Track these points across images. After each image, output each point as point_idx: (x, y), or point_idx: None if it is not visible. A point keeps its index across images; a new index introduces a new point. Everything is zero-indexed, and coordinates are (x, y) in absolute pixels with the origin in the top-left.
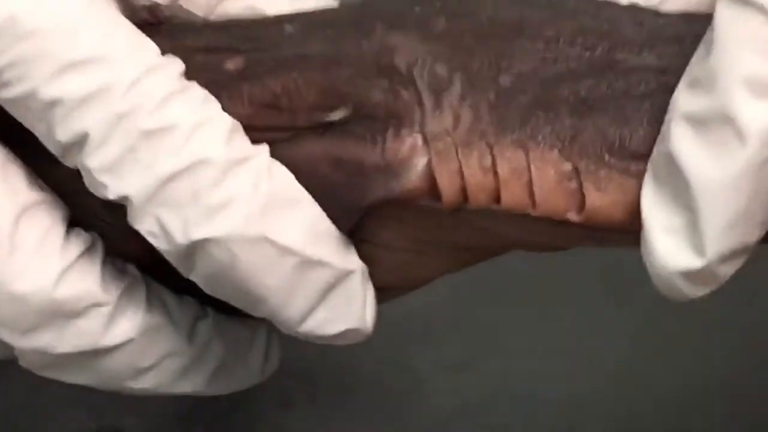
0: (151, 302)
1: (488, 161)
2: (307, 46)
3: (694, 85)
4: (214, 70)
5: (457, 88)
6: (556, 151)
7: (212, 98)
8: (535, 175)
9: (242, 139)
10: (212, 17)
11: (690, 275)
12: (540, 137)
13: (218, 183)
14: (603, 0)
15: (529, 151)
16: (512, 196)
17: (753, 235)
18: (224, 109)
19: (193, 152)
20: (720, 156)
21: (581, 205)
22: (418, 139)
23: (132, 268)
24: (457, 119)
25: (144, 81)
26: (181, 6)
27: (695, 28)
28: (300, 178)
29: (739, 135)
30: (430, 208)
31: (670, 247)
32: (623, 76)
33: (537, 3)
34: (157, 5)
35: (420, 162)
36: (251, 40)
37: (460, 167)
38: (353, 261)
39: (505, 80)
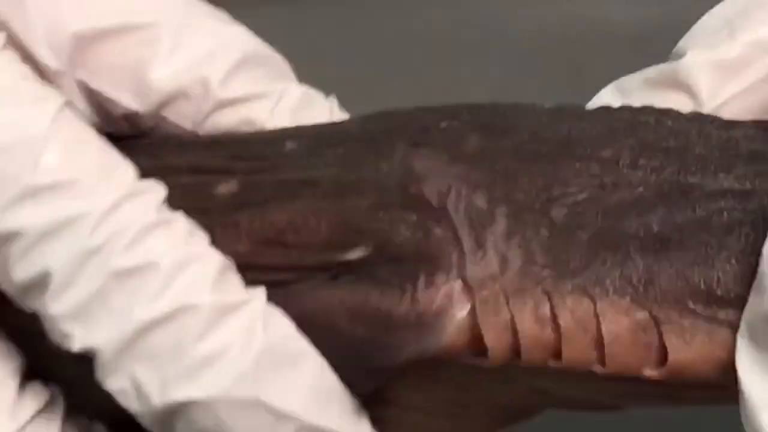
0: None
1: (546, 311)
2: (314, 169)
3: None
4: (204, 195)
5: (501, 223)
6: (628, 298)
7: (199, 232)
8: (604, 326)
9: (234, 282)
10: (201, 131)
11: None
12: (608, 282)
13: (204, 335)
14: (661, 108)
15: (596, 298)
16: (576, 351)
17: None
18: (215, 243)
19: (176, 297)
20: None
21: (661, 360)
22: (457, 286)
23: (98, 427)
24: (504, 261)
25: (117, 211)
26: (164, 117)
27: None
28: (310, 331)
29: None
30: (471, 366)
31: None
32: (700, 204)
33: (586, 114)
34: (137, 114)
35: (460, 313)
36: (247, 159)
37: (512, 319)
38: (365, 430)
39: (558, 212)
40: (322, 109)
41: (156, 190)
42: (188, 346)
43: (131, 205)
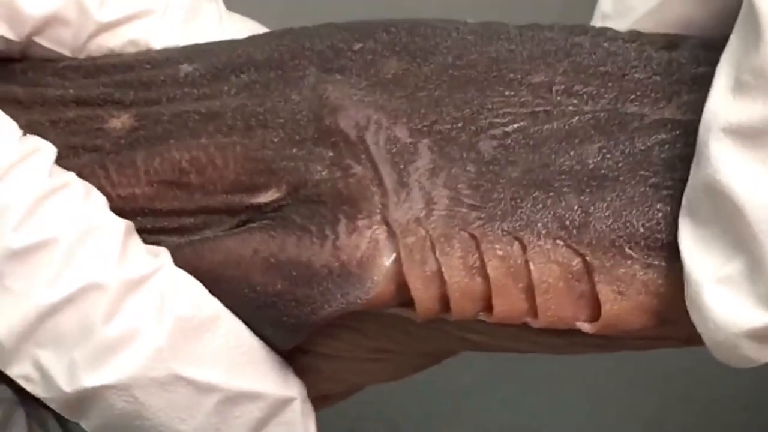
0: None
1: (474, 259)
2: (217, 98)
3: (740, 89)
4: (93, 130)
5: (425, 158)
6: (561, 243)
7: (95, 194)
8: (535, 275)
9: (138, 250)
10: (83, 56)
11: (758, 335)
12: (540, 225)
13: (112, 315)
14: (597, 27)
15: (526, 243)
16: (507, 303)
17: None
18: (112, 185)
19: (78, 276)
20: None
21: (594, 311)
22: (381, 231)
23: (6, 391)
24: (429, 202)
25: (4, 183)
26: (39, 44)
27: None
28: (221, 287)
29: None
30: (397, 316)
31: (727, 302)
32: (639, 136)
33: (515, 34)
34: (12, 42)
35: (386, 261)
36: (139, 88)
37: (439, 267)
38: (291, 386)
39: (486, 145)
40: (210, 16)
41: (44, 150)
42: (96, 329)
43: (19, 174)
